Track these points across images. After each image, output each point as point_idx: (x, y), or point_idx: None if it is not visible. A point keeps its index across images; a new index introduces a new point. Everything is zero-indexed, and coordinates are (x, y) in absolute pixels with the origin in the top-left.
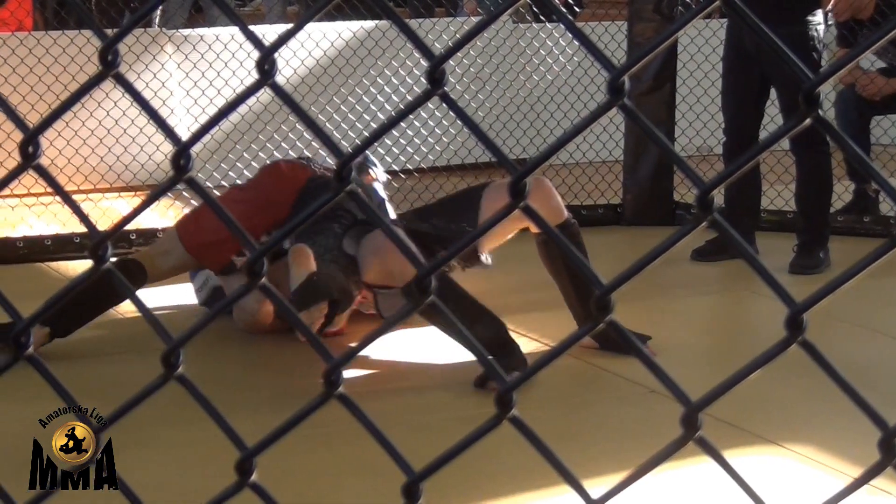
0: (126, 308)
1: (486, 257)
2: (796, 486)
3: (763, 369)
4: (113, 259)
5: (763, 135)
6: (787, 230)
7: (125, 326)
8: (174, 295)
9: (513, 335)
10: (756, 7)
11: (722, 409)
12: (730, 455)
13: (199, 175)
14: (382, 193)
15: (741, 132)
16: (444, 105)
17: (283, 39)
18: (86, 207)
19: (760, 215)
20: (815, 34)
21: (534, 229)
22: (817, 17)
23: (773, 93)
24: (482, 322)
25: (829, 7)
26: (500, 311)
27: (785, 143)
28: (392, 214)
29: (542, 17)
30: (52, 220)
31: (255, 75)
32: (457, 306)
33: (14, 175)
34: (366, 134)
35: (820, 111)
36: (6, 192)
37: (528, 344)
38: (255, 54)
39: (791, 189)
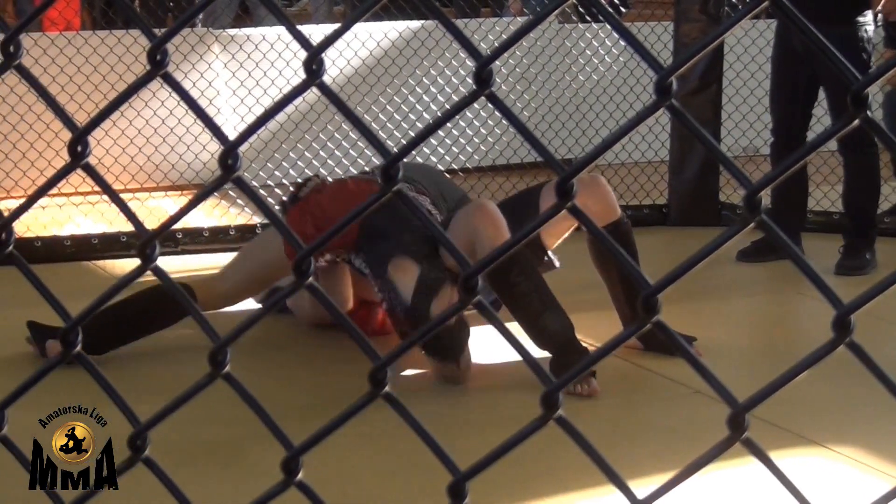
0: None
1: (553, 258)
2: (842, 488)
3: (810, 371)
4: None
5: (810, 135)
6: (834, 231)
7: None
8: None
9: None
10: (806, 7)
11: (768, 411)
12: (775, 456)
13: (246, 174)
14: (430, 207)
15: (789, 133)
16: (490, 105)
17: (330, 39)
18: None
19: (807, 216)
20: (865, 35)
21: (598, 221)
22: (867, 18)
23: (821, 94)
24: (555, 312)
25: (879, 7)
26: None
27: (832, 144)
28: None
29: (587, 18)
30: (100, 218)
31: (301, 75)
32: (534, 291)
33: (63, 174)
34: (412, 134)
35: (868, 112)
36: (54, 190)
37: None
38: (302, 54)
39: (837, 190)
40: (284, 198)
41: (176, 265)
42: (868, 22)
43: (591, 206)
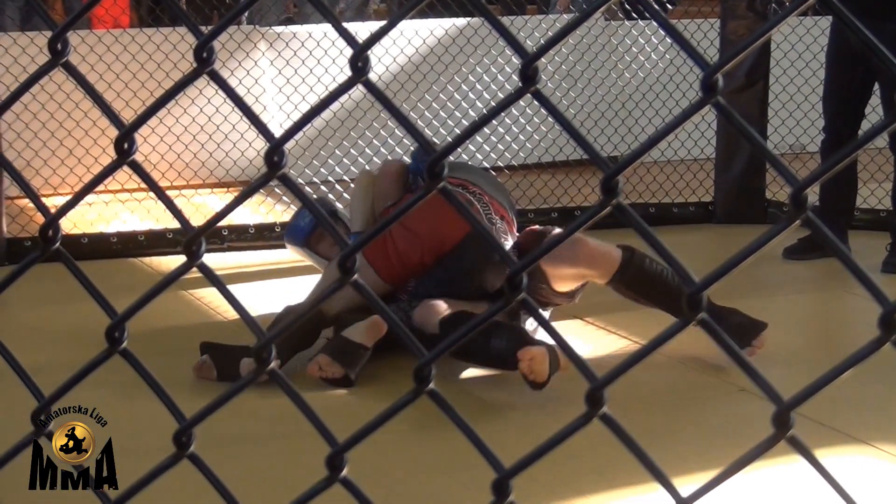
0: (221, 306)
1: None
2: (889, 486)
3: (856, 368)
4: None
5: (860, 134)
6: (881, 229)
7: (219, 324)
8: (268, 293)
9: (601, 332)
10: (860, 2)
11: (813, 409)
12: (821, 455)
13: (292, 172)
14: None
15: (840, 131)
16: (536, 102)
17: (376, 37)
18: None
19: (854, 214)
20: None
21: (599, 280)
22: None
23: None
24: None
25: None
26: (590, 310)
27: (880, 142)
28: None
29: (633, 15)
30: (146, 215)
31: (347, 72)
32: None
33: (110, 171)
34: (458, 131)
35: None
36: (100, 187)
37: (617, 341)
38: (348, 51)
39: (885, 187)
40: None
41: (222, 262)
42: None
43: (589, 272)
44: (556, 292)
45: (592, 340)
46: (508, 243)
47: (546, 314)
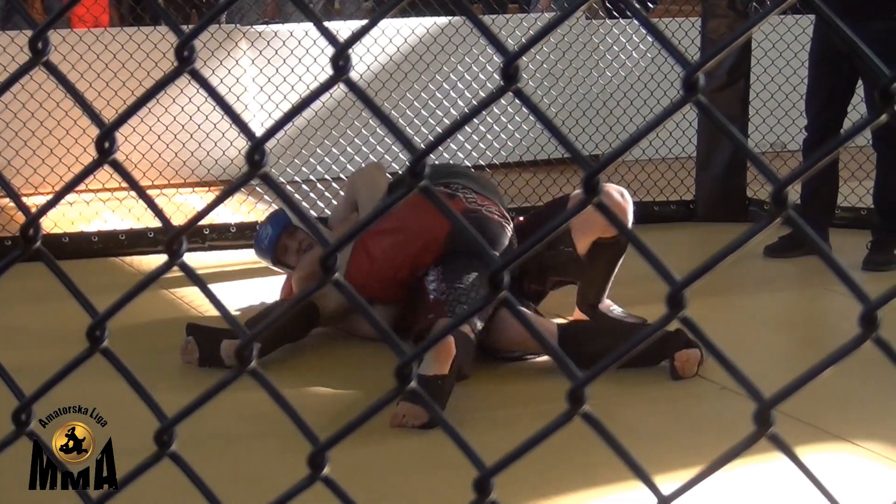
0: (202, 305)
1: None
2: (869, 483)
3: (837, 366)
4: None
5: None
6: (862, 227)
7: (196, 319)
8: (249, 292)
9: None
10: (847, 2)
11: (795, 406)
12: (802, 452)
13: (273, 170)
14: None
15: (824, 130)
16: (517, 101)
17: (357, 36)
18: (159, 202)
19: (835, 212)
20: None
21: (608, 233)
22: None
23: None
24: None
25: None
26: (571, 309)
27: (860, 140)
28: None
29: (615, 14)
30: (127, 214)
31: (329, 71)
32: None
33: (90, 170)
34: (439, 130)
35: None
36: (81, 186)
37: None
38: (329, 50)
39: (865, 186)
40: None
41: (203, 261)
42: None
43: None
44: (576, 257)
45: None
46: (508, 231)
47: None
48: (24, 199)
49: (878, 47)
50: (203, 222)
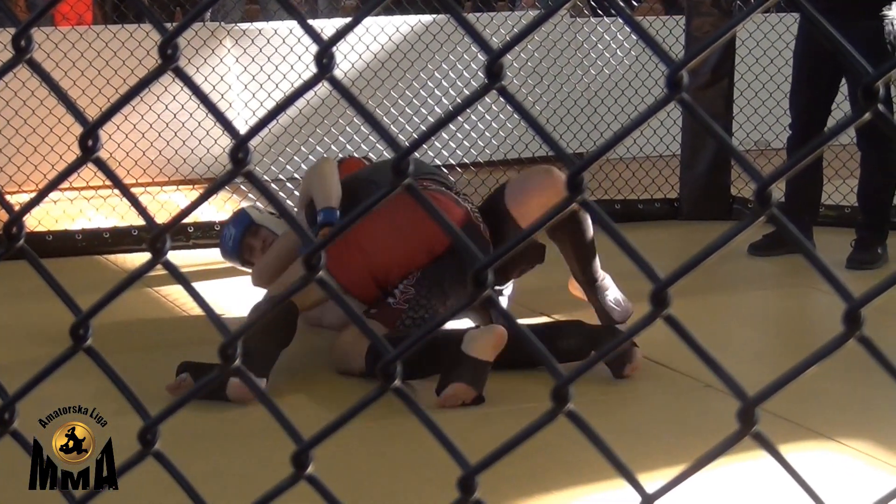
0: (186, 303)
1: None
2: (853, 482)
3: (821, 365)
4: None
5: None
6: (846, 225)
7: (180, 318)
8: (232, 290)
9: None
10: (827, 1)
11: (779, 405)
12: (786, 450)
13: (257, 168)
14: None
15: (809, 128)
16: (501, 99)
17: (341, 33)
18: (144, 200)
19: (819, 210)
20: (891, 28)
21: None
22: (890, 9)
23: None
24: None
25: None
26: (555, 307)
27: (843, 138)
28: None
29: (599, 12)
30: (111, 213)
31: (313, 69)
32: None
33: (74, 168)
34: (423, 128)
35: (880, 106)
36: (65, 184)
37: None
38: (314, 48)
39: (849, 184)
40: None
41: (187, 259)
42: (893, 16)
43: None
44: (533, 242)
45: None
46: (482, 231)
47: (504, 301)
48: (8, 196)
49: (862, 46)
50: (187, 220)
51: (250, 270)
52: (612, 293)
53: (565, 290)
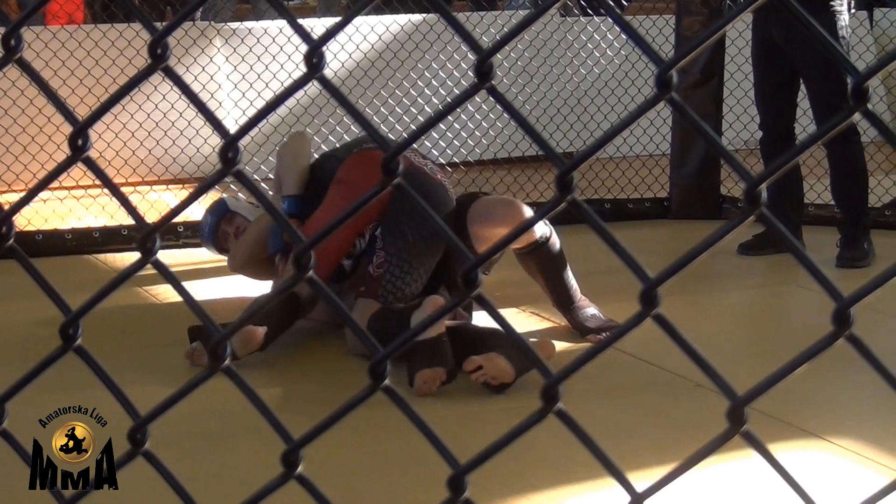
0: (176, 303)
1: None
2: (842, 481)
3: (810, 364)
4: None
5: (797, 127)
6: (834, 224)
7: (170, 317)
8: (223, 290)
9: (554, 327)
10: None
11: (768, 404)
12: (775, 449)
13: (247, 168)
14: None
15: (776, 125)
16: (491, 98)
17: (331, 33)
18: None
19: (805, 209)
20: (841, 22)
21: (516, 245)
22: (841, 4)
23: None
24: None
25: None
26: (545, 305)
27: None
28: None
29: (589, 11)
30: (101, 212)
31: (303, 69)
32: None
33: (63, 167)
34: (413, 127)
35: (869, 105)
36: (55, 184)
37: (570, 337)
38: (304, 48)
39: (822, 183)
40: None
41: (178, 258)
42: (843, 9)
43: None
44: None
45: (547, 336)
46: (450, 191)
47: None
48: None
49: (811, 42)
50: (177, 220)
51: (225, 257)
52: (590, 311)
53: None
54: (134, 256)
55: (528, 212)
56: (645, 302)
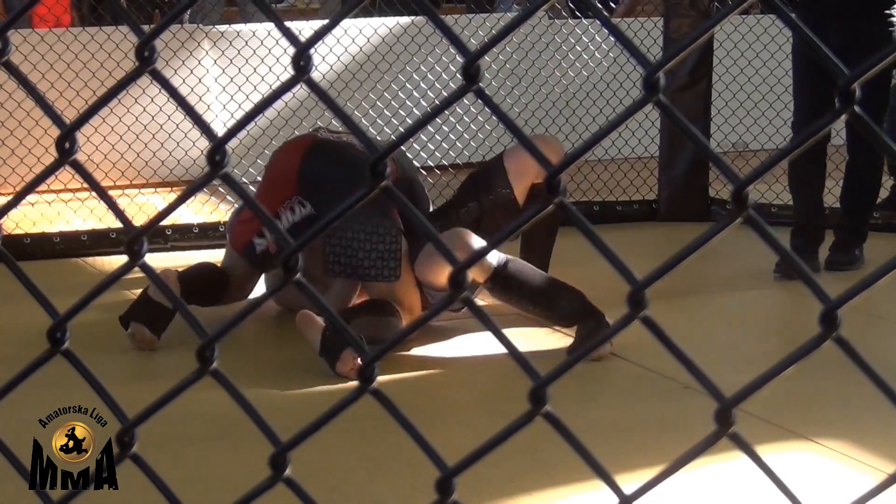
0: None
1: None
2: (830, 482)
3: (798, 366)
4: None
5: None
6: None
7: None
8: None
9: (542, 329)
10: (836, 4)
11: (756, 406)
12: (763, 451)
13: (235, 171)
14: None
15: (812, 109)
16: (479, 101)
17: (318, 35)
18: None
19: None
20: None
21: (478, 279)
22: None
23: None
24: (563, 295)
25: None
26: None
27: (837, 140)
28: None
29: (578, 13)
30: (89, 215)
31: (290, 71)
32: (533, 281)
33: (51, 171)
34: (401, 130)
35: (856, 107)
36: (43, 187)
37: (559, 339)
38: (291, 50)
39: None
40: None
41: (166, 261)
42: None
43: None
44: (513, 198)
45: (534, 337)
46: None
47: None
48: None
49: (870, 50)
50: (165, 223)
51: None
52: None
53: None
54: (122, 259)
55: (476, 242)
56: (632, 304)
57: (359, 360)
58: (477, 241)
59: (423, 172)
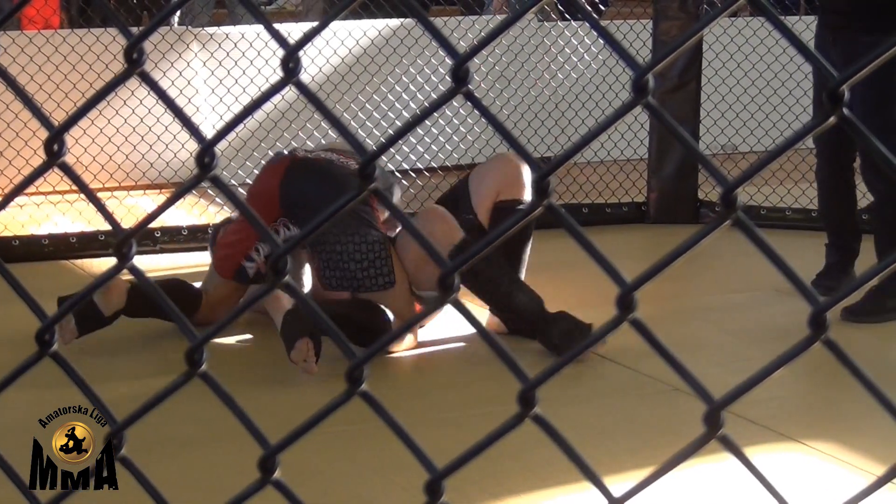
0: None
1: None
2: (820, 484)
3: (787, 368)
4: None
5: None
6: (814, 229)
7: (147, 322)
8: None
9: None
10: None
11: (745, 408)
12: (753, 453)
13: (224, 173)
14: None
15: (836, 155)
16: (468, 103)
17: (307, 37)
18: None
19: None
20: None
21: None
22: None
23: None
24: (524, 292)
25: None
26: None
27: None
28: None
29: (567, 16)
30: (78, 217)
31: (279, 73)
32: (500, 274)
33: (39, 173)
34: (390, 132)
35: (845, 110)
36: (32, 189)
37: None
38: (280, 53)
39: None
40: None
41: (155, 264)
42: None
43: (505, 190)
44: (478, 224)
45: (523, 340)
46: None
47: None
48: None
49: (890, 61)
50: (154, 225)
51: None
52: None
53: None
54: (111, 262)
55: (447, 224)
56: (622, 307)
57: (313, 353)
58: (452, 219)
59: (413, 175)
